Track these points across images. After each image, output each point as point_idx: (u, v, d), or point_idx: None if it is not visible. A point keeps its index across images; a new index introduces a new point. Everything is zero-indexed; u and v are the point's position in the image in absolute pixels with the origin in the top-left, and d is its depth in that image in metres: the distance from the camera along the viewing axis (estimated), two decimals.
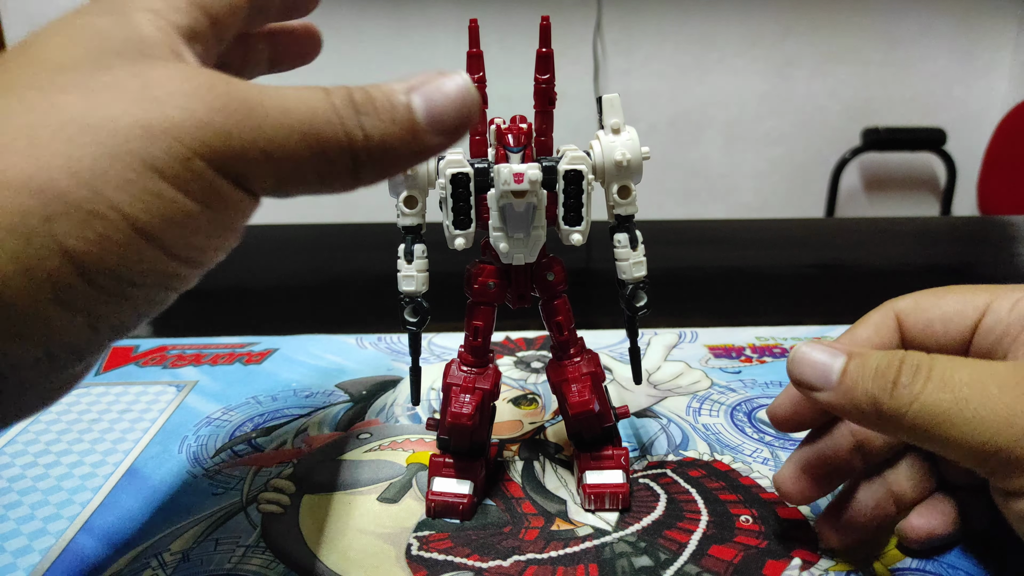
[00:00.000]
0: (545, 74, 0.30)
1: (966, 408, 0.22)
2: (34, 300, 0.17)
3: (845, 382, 0.25)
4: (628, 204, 0.31)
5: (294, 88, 0.21)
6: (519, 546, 0.30)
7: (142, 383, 0.45)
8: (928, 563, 0.29)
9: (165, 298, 0.20)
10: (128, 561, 0.30)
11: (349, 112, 0.21)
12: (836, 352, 0.25)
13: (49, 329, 0.18)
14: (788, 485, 0.29)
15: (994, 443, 0.22)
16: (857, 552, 0.29)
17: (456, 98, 0.22)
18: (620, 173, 0.30)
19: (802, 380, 0.26)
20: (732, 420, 0.40)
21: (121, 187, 0.18)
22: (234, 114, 0.19)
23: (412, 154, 0.22)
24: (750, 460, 0.36)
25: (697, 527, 0.31)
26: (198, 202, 0.19)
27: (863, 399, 0.24)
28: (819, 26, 1.89)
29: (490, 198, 0.30)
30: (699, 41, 1.88)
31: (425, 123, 0.22)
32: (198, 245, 0.20)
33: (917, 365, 0.24)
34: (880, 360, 0.24)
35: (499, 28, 1.76)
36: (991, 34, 1.94)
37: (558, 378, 0.33)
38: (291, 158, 0.20)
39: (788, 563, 0.29)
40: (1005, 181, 1.81)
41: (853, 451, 0.29)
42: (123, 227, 0.18)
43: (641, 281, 0.32)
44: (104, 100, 0.19)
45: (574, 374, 0.33)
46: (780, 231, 0.87)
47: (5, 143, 0.17)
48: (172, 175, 0.18)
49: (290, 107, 0.20)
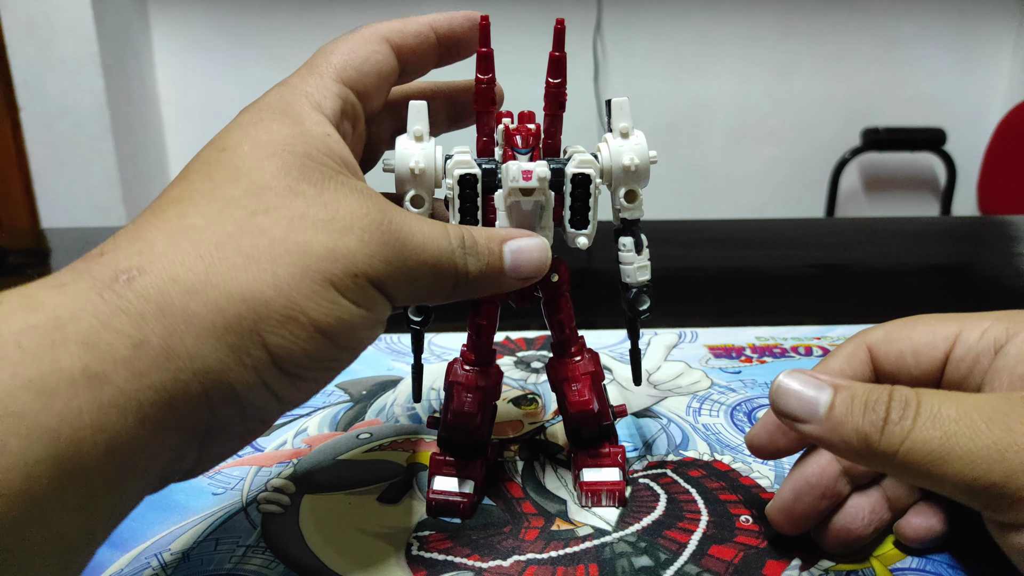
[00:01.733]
0: (557, 78, 0.30)
1: (956, 445, 0.22)
2: (242, 379, 0.22)
3: (833, 417, 0.25)
4: (634, 208, 0.31)
5: (427, 224, 0.27)
6: (519, 546, 0.30)
7: None
8: (928, 563, 0.29)
9: (329, 378, 0.26)
10: (128, 561, 0.30)
11: (461, 251, 0.27)
12: (822, 384, 0.25)
13: (248, 398, 0.23)
14: (781, 518, 0.29)
15: (986, 479, 0.22)
16: (855, 553, 0.29)
17: (534, 256, 0.29)
18: (627, 177, 0.30)
19: (787, 412, 0.26)
20: (732, 420, 0.40)
21: (309, 297, 0.23)
22: (391, 246, 0.25)
23: (492, 289, 0.29)
24: (750, 460, 0.36)
25: (697, 527, 0.31)
26: (360, 307, 0.25)
27: (852, 436, 0.24)
28: (819, 26, 1.89)
29: (497, 198, 0.30)
30: (699, 41, 1.89)
31: (508, 270, 0.28)
32: (357, 338, 0.26)
33: (906, 401, 0.24)
34: (869, 395, 0.24)
35: (497, 28, 1.76)
36: (991, 34, 1.94)
37: (558, 376, 0.33)
38: (420, 281, 0.26)
39: (788, 563, 0.29)
40: (1005, 181, 1.81)
41: (840, 477, 0.29)
42: (309, 328, 0.23)
43: (645, 285, 0.32)
44: (299, 227, 0.24)
45: (574, 373, 0.33)
46: (780, 231, 0.87)
47: (229, 261, 0.22)
48: (344, 288, 0.24)
49: (427, 243, 0.26)
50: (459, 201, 0.30)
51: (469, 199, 0.30)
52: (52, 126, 1.64)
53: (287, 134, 0.26)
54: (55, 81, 1.60)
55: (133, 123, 1.74)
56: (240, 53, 1.82)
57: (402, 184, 0.30)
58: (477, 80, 0.30)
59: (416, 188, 0.30)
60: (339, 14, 1.80)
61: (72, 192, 1.68)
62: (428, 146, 0.30)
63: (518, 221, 0.30)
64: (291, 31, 1.80)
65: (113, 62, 1.64)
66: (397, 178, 0.30)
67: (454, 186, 0.29)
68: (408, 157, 0.29)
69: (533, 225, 0.30)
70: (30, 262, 0.76)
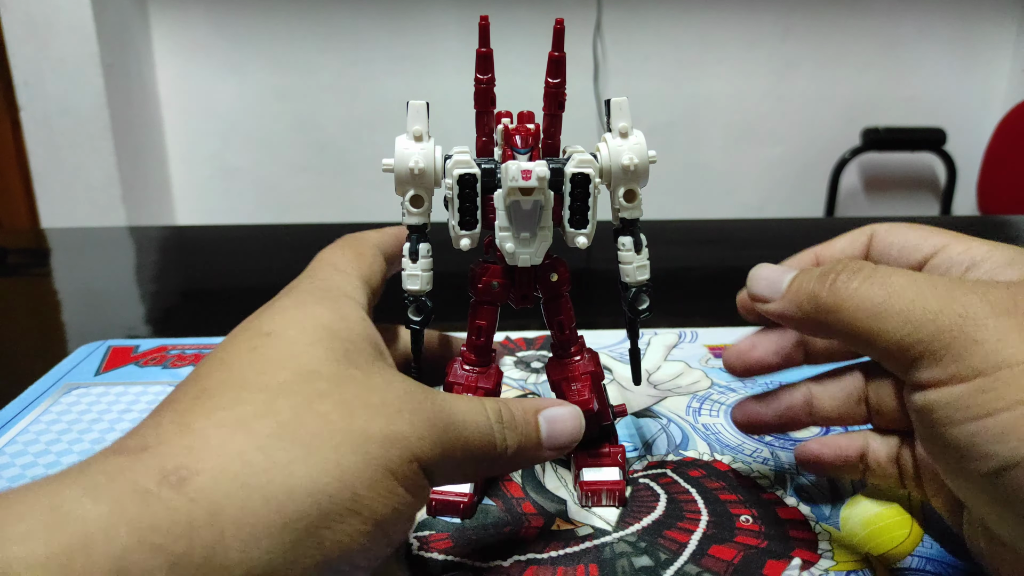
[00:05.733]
0: (556, 78, 0.30)
1: (897, 303, 0.24)
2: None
3: (791, 289, 0.27)
4: (633, 208, 0.31)
5: (465, 401, 0.26)
6: (519, 546, 0.30)
7: (142, 383, 0.45)
8: (928, 563, 0.29)
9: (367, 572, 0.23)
10: None
11: (499, 427, 0.26)
12: (788, 269, 0.28)
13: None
14: (734, 358, 0.32)
15: (915, 336, 0.23)
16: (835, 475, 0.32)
17: (568, 425, 0.29)
18: (627, 177, 0.30)
19: (756, 294, 0.29)
20: (732, 420, 0.40)
21: (371, 487, 0.22)
22: (438, 427, 0.24)
23: (529, 461, 0.29)
24: (750, 460, 0.36)
25: (697, 527, 0.31)
26: (412, 495, 0.23)
27: (804, 298, 0.26)
28: (819, 26, 1.89)
29: (497, 197, 0.30)
30: (699, 41, 1.89)
31: (544, 442, 0.28)
32: (403, 529, 0.24)
33: (859, 267, 0.25)
34: (827, 267, 0.26)
35: (497, 28, 1.76)
36: (991, 34, 1.94)
37: (558, 376, 0.33)
38: (462, 460, 0.25)
39: (788, 563, 0.29)
40: (1005, 181, 1.81)
41: (797, 346, 0.32)
42: (369, 522, 0.21)
43: (644, 285, 0.32)
44: (356, 413, 0.23)
45: (574, 373, 0.33)
46: (780, 231, 0.87)
47: (290, 453, 0.21)
48: (402, 476, 0.22)
49: (468, 422, 0.25)
50: (459, 201, 0.30)
51: (469, 199, 0.30)
52: (52, 126, 1.63)
53: (330, 319, 0.26)
54: (55, 81, 1.60)
55: (133, 123, 1.74)
56: (240, 53, 1.82)
57: (401, 184, 0.30)
58: (477, 80, 0.30)
59: (416, 188, 0.30)
60: (339, 14, 1.80)
61: (72, 192, 1.68)
62: (427, 146, 0.30)
63: (518, 221, 0.30)
64: (291, 31, 1.80)
65: (113, 62, 1.64)
66: (396, 178, 0.30)
67: (453, 186, 0.29)
68: (407, 157, 0.29)
69: (533, 225, 0.30)
70: (30, 262, 0.76)
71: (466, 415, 0.26)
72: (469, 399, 0.27)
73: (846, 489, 0.34)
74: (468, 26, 1.80)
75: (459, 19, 1.79)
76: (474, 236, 0.30)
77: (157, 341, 0.50)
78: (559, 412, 0.29)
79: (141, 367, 0.47)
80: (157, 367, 0.47)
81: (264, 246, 0.81)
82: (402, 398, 0.24)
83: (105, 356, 0.48)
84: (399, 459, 0.22)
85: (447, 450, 0.24)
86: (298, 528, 0.20)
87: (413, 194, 0.30)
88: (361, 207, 1.88)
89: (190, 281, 0.72)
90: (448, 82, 1.78)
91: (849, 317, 0.25)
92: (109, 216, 1.68)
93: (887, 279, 0.24)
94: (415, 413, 0.24)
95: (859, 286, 0.25)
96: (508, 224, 0.30)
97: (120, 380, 0.45)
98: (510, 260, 0.31)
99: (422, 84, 1.82)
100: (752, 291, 0.29)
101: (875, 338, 0.24)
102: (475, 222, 0.30)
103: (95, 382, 0.45)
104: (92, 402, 0.42)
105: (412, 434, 0.23)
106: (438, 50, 1.81)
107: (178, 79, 1.85)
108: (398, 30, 1.81)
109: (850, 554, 0.29)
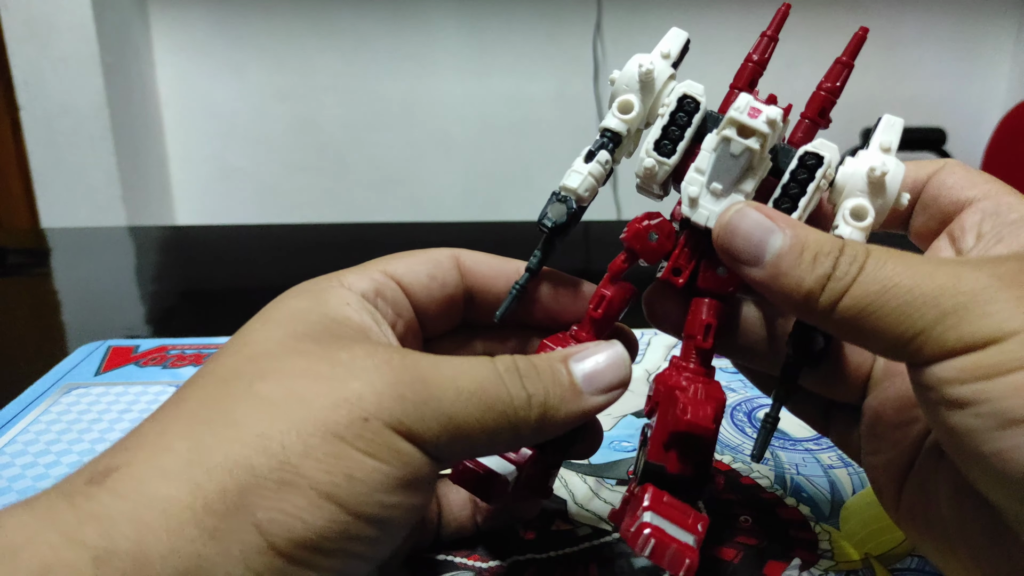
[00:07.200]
0: (836, 82, 0.27)
1: (893, 296, 0.21)
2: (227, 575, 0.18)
3: (779, 264, 0.23)
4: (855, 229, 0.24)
5: (462, 357, 0.23)
6: (519, 546, 0.30)
7: (142, 383, 0.45)
8: (928, 563, 0.29)
9: (356, 570, 0.21)
10: None
11: (511, 376, 0.23)
12: (773, 228, 0.23)
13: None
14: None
15: (917, 326, 0.21)
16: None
17: (609, 362, 0.24)
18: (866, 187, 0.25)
19: (731, 251, 0.23)
20: (732, 420, 0.40)
21: (306, 454, 0.19)
22: (404, 383, 0.21)
23: (571, 417, 0.24)
24: (750, 460, 0.36)
25: None
26: (375, 458, 0.20)
27: (795, 289, 0.22)
28: (819, 26, 1.89)
29: (707, 139, 0.26)
30: (699, 42, 1.87)
31: (583, 385, 0.24)
32: (378, 502, 0.20)
33: (854, 257, 0.22)
34: (821, 246, 0.23)
35: (498, 27, 1.76)
36: (991, 34, 1.94)
37: (674, 383, 0.26)
38: (460, 418, 0.22)
39: (788, 563, 0.29)
40: (1005, 181, 1.81)
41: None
42: (310, 493, 0.19)
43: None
44: (297, 384, 0.21)
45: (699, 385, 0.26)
46: None
47: (218, 435, 0.19)
48: (352, 436, 0.20)
49: (459, 374, 0.22)
50: (668, 119, 0.26)
51: (679, 123, 0.26)
52: (52, 126, 1.64)
53: (302, 307, 0.24)
54: (55, 81, 1.60)
55: (133, 123, 1.74)
56: (240, 53, 1.82)
57: (620, 88, 0.27)
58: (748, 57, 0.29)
59: (632, 93, 0.27)
60: (339, 14, 1.80)
61: (72, 192, 1.68)
62: (664, 65, 0.27)
63: (717, 166, 0.25)
64: (291, 31, 1.80)
65: (113, 62, 1.64)
66: (619, 80, 0.27)
67: (670, 103, 0.26)
68: (642, 59, 0.27)
69: (731, 179, 0.25)
70: (30, 262, 0.76)
71: (457, 367, 0.22)
72: (472, 357, 0.23)
73: (846, 489, 0.34)
74: (468, 26, 1.80)
75: (459, 19, 1.79)
76: (661, 165, 0.26)
77: (157, 341, 0.50)
78: (592, 350, 0.25)
79: (141, 367, 0.47)
80: (157, 367, 0.47)
81: (264, 246, 0.81)
82: (359, 358, 0.21)
83: (105, 356, 0.48)
84: (347, 419, 0.20)
85: (428, 405, 0.21)
86: (220, 509, 0.18)
87: (624, 98, 0.27)
88: (361, 207, 1.88)
89: (190, 281, 0.72)
90: (448, 82, 1.78)
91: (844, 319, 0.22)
92: (109, 216, 1.68)
93: (881, 269, 0.22)
94: (375, 371, 0.21)
95: (850, 285, 0.22)
96: (704, 167, 0.25)
97: (120, 380, 0.45)
98: (686, 208, 0.25)
99: (422, 84, 1.82)
100: (727, 246, 0.23)
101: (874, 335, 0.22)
102: (673, 152, 0.26)
103: (95, 382, 0.45)
104: (92, 402, 0.42)
105: (368, 391, 0.21)
106: (438, 50, 1.81)
107: (178, 79, 1.85)
108: (398, 30, 1.81)
109: (850, 554, 0.30)
